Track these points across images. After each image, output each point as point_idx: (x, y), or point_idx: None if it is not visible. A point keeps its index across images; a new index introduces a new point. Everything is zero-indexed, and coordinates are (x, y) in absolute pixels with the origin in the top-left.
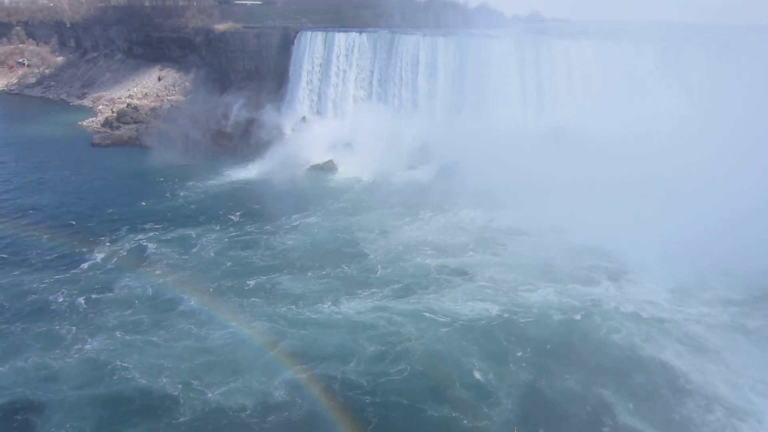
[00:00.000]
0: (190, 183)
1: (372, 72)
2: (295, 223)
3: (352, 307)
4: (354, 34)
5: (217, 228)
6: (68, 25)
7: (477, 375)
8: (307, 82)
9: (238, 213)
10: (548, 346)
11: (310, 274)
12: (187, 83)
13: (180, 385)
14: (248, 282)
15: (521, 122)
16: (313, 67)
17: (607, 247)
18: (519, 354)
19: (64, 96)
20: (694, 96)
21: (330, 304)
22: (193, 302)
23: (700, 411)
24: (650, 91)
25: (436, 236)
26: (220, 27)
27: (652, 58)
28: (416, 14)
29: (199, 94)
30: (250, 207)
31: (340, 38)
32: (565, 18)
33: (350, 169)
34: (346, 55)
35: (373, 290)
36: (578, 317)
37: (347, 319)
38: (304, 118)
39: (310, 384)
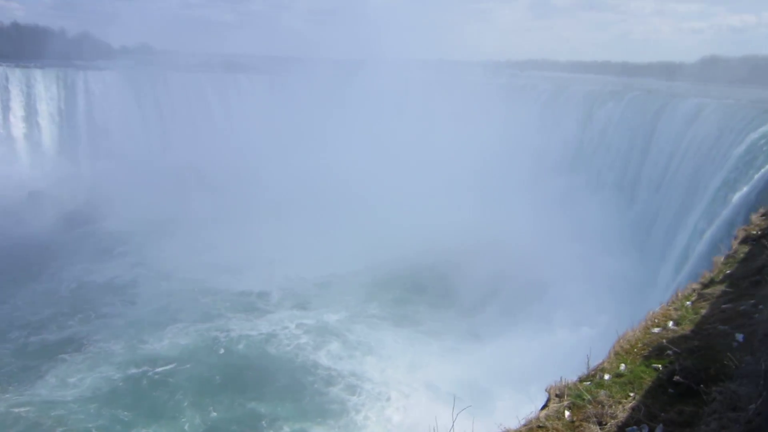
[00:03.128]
0: None
1: None
2: None
3: None
4: None
5: None
6: None
7: None
8: None
9: None
10: (207, 386)
11: None
12: None
13: None
14: None
15: (147, 160)
16: None
17: (234, 277)
18: (182, 403)
19: None
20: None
21: None
22: None
23: (323, 385)
24: (269, 118)
25: (29, 310)
26: None
27: (265, 87)
28: None
29: None
30: None
31: None
32: (176, 50)
33: None
34: None
35: None
36: (222, 350)
37: None
38: None
39: None
